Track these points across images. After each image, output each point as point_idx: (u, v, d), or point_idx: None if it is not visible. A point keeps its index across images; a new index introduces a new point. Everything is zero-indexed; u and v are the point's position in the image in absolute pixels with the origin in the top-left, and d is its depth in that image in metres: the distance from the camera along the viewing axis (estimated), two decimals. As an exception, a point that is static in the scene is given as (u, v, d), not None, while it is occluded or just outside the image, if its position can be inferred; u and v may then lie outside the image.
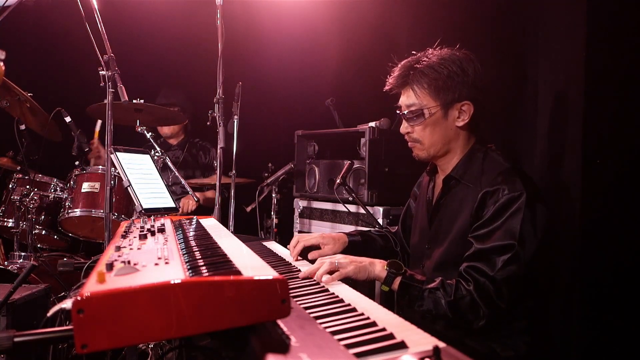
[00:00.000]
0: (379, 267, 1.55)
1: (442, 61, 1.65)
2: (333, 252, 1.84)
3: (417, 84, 1.66)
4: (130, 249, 1.21)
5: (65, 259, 2.52)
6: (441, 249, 1.68)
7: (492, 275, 1.48)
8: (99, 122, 3.49)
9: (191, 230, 1.74)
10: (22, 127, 2.91)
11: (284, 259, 1.78)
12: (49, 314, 0.94)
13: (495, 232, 1.51)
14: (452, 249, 1.64)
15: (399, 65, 1.74)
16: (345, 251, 1.90)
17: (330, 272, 1.46)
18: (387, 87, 1.77)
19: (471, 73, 1.65)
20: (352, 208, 2.73)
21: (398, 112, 1.77)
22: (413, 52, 1.76)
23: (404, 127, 1.75)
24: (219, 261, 1.17)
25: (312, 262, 1.67)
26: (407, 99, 1.70)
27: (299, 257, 1.78)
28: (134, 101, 2.67)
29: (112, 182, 2.21)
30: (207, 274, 1.04)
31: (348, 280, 1.47)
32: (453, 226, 1.66)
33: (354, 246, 1.93)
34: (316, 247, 1.85)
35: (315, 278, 1.45)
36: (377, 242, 2.05)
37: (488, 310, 1.48)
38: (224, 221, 2.33)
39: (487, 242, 1.52)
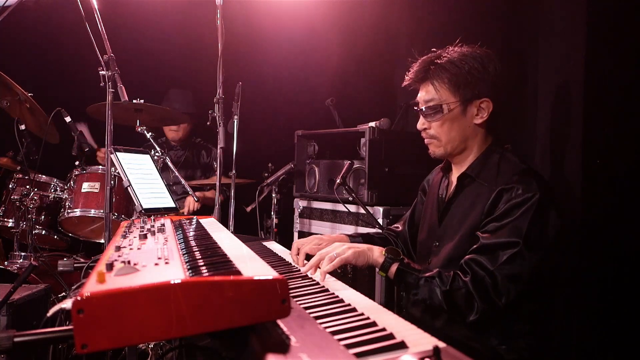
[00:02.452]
0: (377, 252, 1.55)
1: (463, 57, 1.65)
2: None
3: (438, 78, 1.66)
4: (130, 249, 1.21)
5: (65, 259, 2.52)
6: (450, 246, 1.67)
7: (492, 269, 1.47)
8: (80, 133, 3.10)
9: (191, 230, 1.74)
10: (22, 127, 2.91)
11: (284, 259, 1.78)
12: (49, 314, 0.94)
13: (503, 228, 1.51)
14: (461, 245, 1.62)
15: (419, 61, 1.72)
16: None
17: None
18: (405, 82, 1.75)
19: (492, 70, 1.64)
20: (352, 208, 2.73)
21: (415, 108, 1.75)
22: (433, 49, 1.74)
23: (421, 123, 1.73)
24: (219, 261, 1.17)
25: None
26: (426, 95, 1.69)
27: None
28: (134, 101, 2.67)
29: (112, 182, 2.21)
30: (207, 274, 1.04)
31: (348, 280, 1.47)
32: (464, 223, 1.64)
33: None
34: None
35: (315, 276, 1.46)
36: (377, 244, 2.03)
37: (483, 304, 1.46)
38: (224, 221, 2.33)
39: (493, 237, 1.51)
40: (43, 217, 3.02)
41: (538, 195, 1.50)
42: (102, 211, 2.82)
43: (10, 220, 2.97)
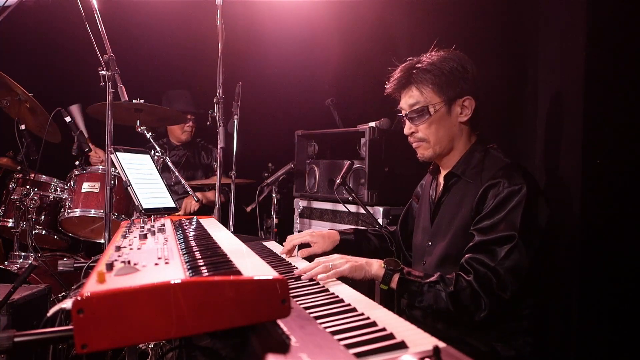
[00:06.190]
0: (376, 265, 1.55)
1: (442, 59, 1.70)
2: (322, 249, 1.85)
3: (421, 81, 1.70)
4: (130, 249, 1.21)
5: (65, 259, 2.52)
6: (442, 245, 1.69)
7: (493, 265, 1.49)
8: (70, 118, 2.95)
9: (191, 230, 1.74)
10: (22, 127, 2.91)
11: (284, 259, 1.78)
12: (49, 314, 0.94)
13: (498, 224, 1.53)
14: (453, 243, 1.65)
15: (399, 68, 1.77)
16: (337, 249, 1.90)
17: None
18: (388, 90, 1.79)
19: (470, 70, 1.70)
20: (352, 208, 2.73)
21: (399, 114, 1.79)
22: (410, 57, 1.80)
23: (408, 128, 1.76)
24: (219, 261, 1.17)
25: (310, 260, 1.68)
26: (410, 99, 1.72)
27: (296, 255, 1.81)
28: (134, 101, 2.67)
29: (112, 182, 2.21)
30: (207, 273, 1.04)
31: (348, 280, 1.47)
32: (454, 221, 1.67)
33: (347, 244, 1.93)
34: (307, 245, 1.86)
35: (307, 277, 1.45)
36: (373, 242, 2.05)
37: (489, 300, 1.48)
38: (224, 221, 2.33)
39: (489, 234, 1.53)
40: (43, 217, 3.02)
41: (525, 187, 1.53)
42: (102, 211, 2.82)
43: (10, 220, 2.97)
